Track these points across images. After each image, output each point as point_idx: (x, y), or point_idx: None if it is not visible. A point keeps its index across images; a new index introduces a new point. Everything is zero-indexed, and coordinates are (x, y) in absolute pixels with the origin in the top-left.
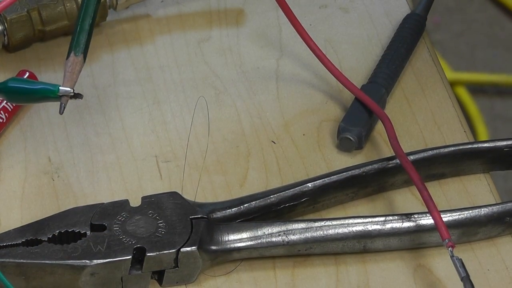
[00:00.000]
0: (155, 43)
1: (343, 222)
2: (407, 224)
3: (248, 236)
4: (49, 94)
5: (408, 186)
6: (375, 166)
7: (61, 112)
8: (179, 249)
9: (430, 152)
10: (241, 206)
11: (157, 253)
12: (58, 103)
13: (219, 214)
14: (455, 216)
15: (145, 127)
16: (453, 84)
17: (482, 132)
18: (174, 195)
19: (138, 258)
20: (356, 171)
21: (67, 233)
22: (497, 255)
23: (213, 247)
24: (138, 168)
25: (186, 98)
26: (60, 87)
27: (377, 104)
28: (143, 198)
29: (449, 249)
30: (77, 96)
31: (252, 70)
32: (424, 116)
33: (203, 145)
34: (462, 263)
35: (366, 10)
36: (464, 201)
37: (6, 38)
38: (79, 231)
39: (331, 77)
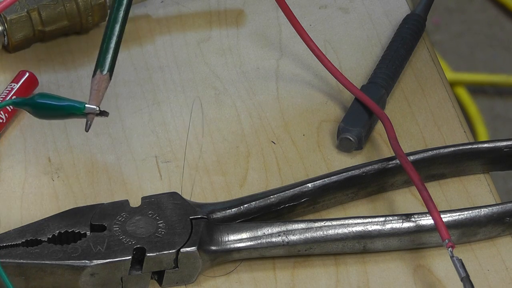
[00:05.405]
0: (155, 44)
1: (343, 223)
2: (407, 224)
3: (248, 236)
4: (75, 111)
5: (408, 187)
6: (375, 166)
7: (87, 130)
8: (179, 250)
9: (430, 153)
10: (241, 207)
11: (157, 253)
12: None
13: (219, 215)
14: (455, 216)
15: (144, 127)
16: (453, 84)
17: (482, 132)
18: (174, 195)
19: (138, 258)
20: (356, 172)
21: (67, 233)
22: (497, 255)
23: (213, 248)
24: (138, 168)
25: (186, 98)
26: (86, 105)
27: (377, 105)
28: (143, 198)
29: (449, 249)
30: (103, 113)
31: (252, 70)
32: (424, 116)
33: (203, 145)
34: (462, 264)
35: (366, 11)
36: (464, 202)
37: (6, 38)
38: (79, 232)
39: (331, 77)
